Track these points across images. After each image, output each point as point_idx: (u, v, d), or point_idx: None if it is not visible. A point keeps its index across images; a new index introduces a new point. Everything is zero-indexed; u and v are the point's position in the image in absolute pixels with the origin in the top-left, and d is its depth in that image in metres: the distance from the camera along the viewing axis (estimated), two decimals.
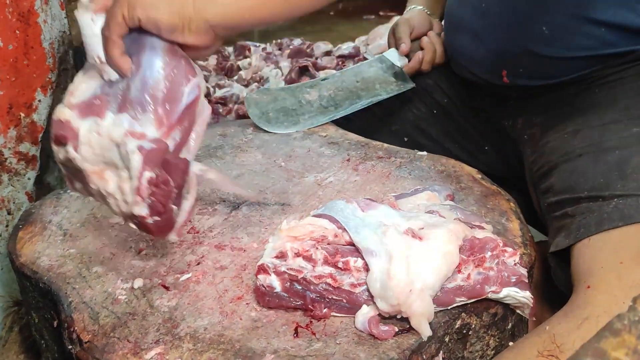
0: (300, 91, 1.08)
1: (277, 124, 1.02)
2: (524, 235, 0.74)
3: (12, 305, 0.98)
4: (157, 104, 0.61)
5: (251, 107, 1.05)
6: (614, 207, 0.72)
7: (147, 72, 0.61)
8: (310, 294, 0.60)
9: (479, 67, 0.96)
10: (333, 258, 0.61)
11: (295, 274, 0.60)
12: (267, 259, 0.61)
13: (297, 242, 0.61)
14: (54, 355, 0.74)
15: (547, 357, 0.62)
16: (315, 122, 1.02)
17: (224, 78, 2.34)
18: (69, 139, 0.60)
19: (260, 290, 0.61)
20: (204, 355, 0.56)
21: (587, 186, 0.76)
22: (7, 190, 0.92)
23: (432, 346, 0.58)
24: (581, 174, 0.78)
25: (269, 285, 0.60)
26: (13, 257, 0.74)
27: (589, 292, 0.66)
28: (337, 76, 1.10)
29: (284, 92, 1.08)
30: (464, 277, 0.60)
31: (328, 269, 0.60)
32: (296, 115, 1.03)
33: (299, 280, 0.60)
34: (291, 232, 0.62)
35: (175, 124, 0.61)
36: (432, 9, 1.13)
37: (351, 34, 3.31)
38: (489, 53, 0.93)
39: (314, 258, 0.61)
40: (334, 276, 0.60)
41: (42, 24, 0.91)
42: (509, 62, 0.91)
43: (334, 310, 0.60)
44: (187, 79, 0.62)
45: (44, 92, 0.93)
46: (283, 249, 0.61)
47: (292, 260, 0.60)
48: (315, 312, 0.60)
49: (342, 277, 0.60)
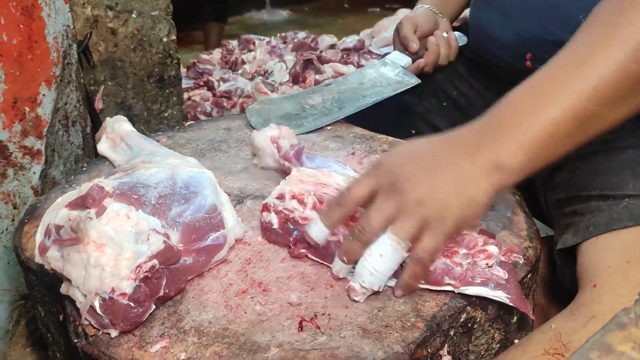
0: (303, 97, 1.07)
1: None
2: (530, 228, 0.74)
3: (18, 299, 0.99)
4: (189, 230, 0.65)
5: (253, 116, 1.04)
6: (625, 207, 0.71)
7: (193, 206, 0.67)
8: (296, 234, 0.67)
9: (503, 49, 0.94)
10: (320, 205, 0.66)
11: (287, 213, 0.67)
12: (270, 199, 0.69)
13: (299, 185, 0.68)
14: (60, 348, 0.75)
15: (553, 355, 0.62)
16: (320, 123, 1.01)
17: (228, 72, 2.34)
18: (96, 205, 0.60)
19: (264, 225, 0.69)
20: (208, 349, 0.56)
21: (599, 184, 0.75)
22: (13, 184, 0.93)
23: (436, 340, 0.58)
24: (593, 171, 0.77)
25: (269, 222, 0.69)
26: (19, 251, 0.74)
27: (595, 290, 0.66)
28: (340, 80, 1.10)
29: (286, 99, 1.08)
30: None
31: (314, 215, 0.65)
32: (299, 119, 1.02)
33: (290, 220, 0.67)
34: (300, 176, 0.69)
35: (193, 251, 0.65)
36: (441, 9, 1.11)
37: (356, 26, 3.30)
38: (517, 35, 0.90)
39: (305, 202, 0.67)
40: None
41: (46, 18, 0.91)
42: (535, 46, 0.88)
43: (310, 253, 0.66)
44: (217, 229, 0.67)
45: (48, 87, 0.93)
46: (282, 191, 0.68)
47: (288, 201, 0.67)
48: (294, 250, 0.67)
49: None
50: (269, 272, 0.66)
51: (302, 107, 1.05)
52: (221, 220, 0.68)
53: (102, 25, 1.32)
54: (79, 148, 1.08)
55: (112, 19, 1.33)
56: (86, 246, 0.58)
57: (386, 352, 0.55)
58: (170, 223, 0.64)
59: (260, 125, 1.01)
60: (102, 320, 0.58)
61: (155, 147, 0.88)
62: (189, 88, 2.19)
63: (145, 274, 0.58)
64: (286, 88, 2.05)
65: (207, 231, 0.66)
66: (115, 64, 1.37)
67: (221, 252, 0.67)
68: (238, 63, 2.40)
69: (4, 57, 0.86)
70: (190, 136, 1.00)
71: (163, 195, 0.66)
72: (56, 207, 0.64)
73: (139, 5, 1.36)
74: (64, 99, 1.00)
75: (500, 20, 0.93)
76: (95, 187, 0.61)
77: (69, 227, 0.61)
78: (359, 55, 2.31)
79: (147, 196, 0.65)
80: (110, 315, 0.57)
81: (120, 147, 0.90)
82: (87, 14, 1.29)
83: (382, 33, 2.47)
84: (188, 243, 0.65)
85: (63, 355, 0.74)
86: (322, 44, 2.47)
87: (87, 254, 0.58)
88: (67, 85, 1.01)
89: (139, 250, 0.58)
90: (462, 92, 1.08)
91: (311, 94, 1.08)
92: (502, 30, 0.93)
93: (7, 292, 0.98)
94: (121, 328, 0.58)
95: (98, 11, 1.31)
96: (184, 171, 0.70)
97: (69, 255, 0.59)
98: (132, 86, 1.42)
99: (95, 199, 0.60)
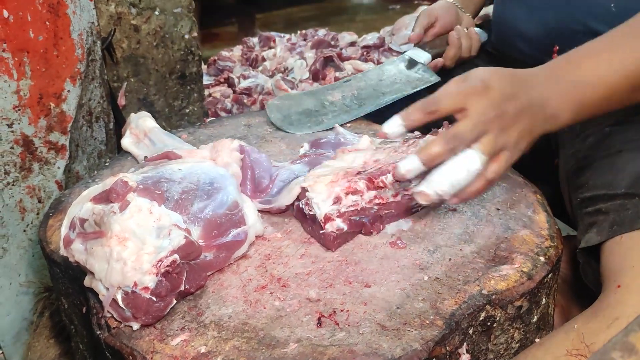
0: (322, 94, 1.07)
1: (299, 126, 1.01)
2: (551, 227, 0.73)
3: (42, 291, 1.01)
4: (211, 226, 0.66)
5: (273, 112, 1.04)
6: None
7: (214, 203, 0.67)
8: (366, 219, 0.70)
9: (528, 43, 0.93)
10: (372, 183, 0.70)
11: (353, 209, 0.70)
12: (325, 209, 0.69)
13: (338, 184, 0.70)
14: (83, 340, 0.76)
15: (576, 356, 0.61)
16: (340, 120, 1.01)
17: (248, 69, 2.35)
18: (120, 199, 0.61)
19: (331, 236, 0.69)
20: (228, 343, 0.57)
21: (625, 183, 0.74)
22: (38, 178, 0.94)
23: (455, 338, 0.58)
24: (619, 170, 0.76)
25: (338, 229, 0.69)
26: (43, 244, 0.76)
27: (619, 291, 0.65)
28: (359, 77, 1.09)
29: (306, 95, 1.08)
30: None
31: (373, 192, 0.70)
32: (319, 116, 1.03)
33: (357, 212, 0.70)
34: (325, 180, 0.70)
35: (214, 247, 0.65)
36: (464, 3, 1.10)
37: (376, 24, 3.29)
38: (543, 27, 0.90)
39: (359, 189, 0.70)
40: (378, 196, 0.71)
41: (71, 15, 0.92)
42: (563, 38, 0.88)
43: (387, 222, 0.72)
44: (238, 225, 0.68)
45: (73, 83, 0.94)
46: (337, 194, 0.69)
47: (345, 199, 0.69)
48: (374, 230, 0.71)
49: (385, 194, 0.71)
50: (288, 268, 0.66)
51: (321, 103, 1.05)
52: (242, 216, 0.68)
53: (126, 22, 1.34)
54: (102, 143, 1.10)
55: (135, 16, 1.35)
56: (109, 240, 0.59)
57: (404, 349, 0.55)
58: (192, 219, 0.65)
59: (280, 121, 1.02)
60: (124, 313, 0.59)
61: (178, 143, 0.89)
62: (209, 85, 2.21)
63: (166, 269, 0.59)
64: (306, 85, 2.05)
65: (228, 227, 0.67)
66: (138, 60, 1.39)
67: (242, 248, 0.67)
68: (258, 60, 2.41)
69: (31, 53, 0.87)
70: (211, 132, 1.01)
71: (186, 190, 0.66)
72: (81, 201, 0.65)
73: (161, 3, 1.37)
74: (88, 95, 1.02)
75: (525, 14, 0.92)
76: (119, 182, 0.62)
77: (92, 221, 0.62)
78: (379, 53, 2.30)
79: (170, 191, 0.66)
80: (132, 308, 0.58)
81: (143, 143, 0.91)
82: (111, 11, 1.31)
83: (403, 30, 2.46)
84: (209, 239, 0.65)
85: (86, 347, 0.76)
86: (342, 42, 2.47)
87: (109, 248, 0.59)
88: (91, 81, 1.02)
89: (160, 245, 0.59)
90: None
91: (330, 90, 1.08)
92: (528, 24, 0.92)
93: (31, 284, 1.00)
94: (143, 321, 0.59)
95: (121, 8, 1.32)
96: (209, 167, 0.71)
97: (92, 249, 0.60)
98: (154, 83, 1.43)
99: (119, 194, 0.61)
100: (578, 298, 0.90)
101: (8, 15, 0.83)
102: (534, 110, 0.65)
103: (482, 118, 0.63)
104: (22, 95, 0.88)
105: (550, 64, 0.70)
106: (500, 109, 0.63)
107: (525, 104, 0.65)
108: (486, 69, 0.67)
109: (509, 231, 0.72)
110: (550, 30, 0.88)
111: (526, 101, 0.65)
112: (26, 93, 0.88)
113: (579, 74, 0.67)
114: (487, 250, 0.68)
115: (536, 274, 0.65)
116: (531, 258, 0.67)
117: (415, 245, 0.70)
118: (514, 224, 0.73)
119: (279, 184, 0.77)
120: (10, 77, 0.86)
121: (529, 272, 0.65)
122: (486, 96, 0.64)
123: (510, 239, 0.70)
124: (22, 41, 0.86)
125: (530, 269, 0.66)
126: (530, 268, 0.66)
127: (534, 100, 0.66)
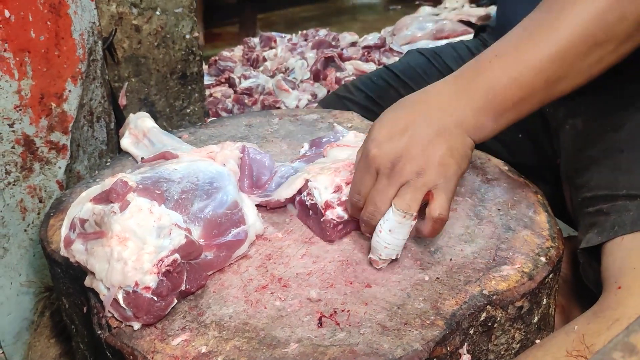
0: None
1: None
2: (552, 228, 0.73)
3: (43, 290, 1.01)
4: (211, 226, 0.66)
5: None
6: None
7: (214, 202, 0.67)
8: None
9: None
10: None
11: None
12: (326, 197, 0.69)
13: (339, 175, 0.70)
14: (83, 339, 0.76)
15: (576, 357, 0.61)
16: None
17: (249, 69, 2.35)
18: (120, 199, 0.61)
19: (331, 223, 0.69)
20: (229, 343, 0.57)
21: (627, 183, 0.74)
22: (39, 178, 0.94)
23: (456, 338, 0.58)
24: (621, 170, 0.76)
25: (338, 217, 0.69)
26: (44, 243, 0.76)
27: (620, 292, 0.65)
28: None
29: None
30: None
31: None
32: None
33: None
34: (327, 172, 0.71)
35: (214, 246, 0.65)
36: None
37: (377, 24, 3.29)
38: None
39: None
40: None
41: (72, 15, 0.92)
42: None
43: None
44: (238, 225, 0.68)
45: (74, 83, 0.95)
46: (337, 183, 0.70)
47: (346, 189, 0.70)
48: None
49: None
50: (289, 268, 0.66)
51: None
52: (242, 216, 0.68)
53: (127, 22, 1.34)
54: (103, 143, 1.10)
55: (136, 16, 1.35)
56: (109, 240, 0.59)
57: (405, 349, 0.55)
58: (192, 218, 0.65)
59: None
60: (125, 313, 0.59)
61: (177, 144, 0.89)
62: (210, 85, 2.21)
63: (167, 268, 0.59)
64: (307, 85, 2.05)
65: (229, 227, 0.67)
66: (139, 60, 1.39)
67: (242, 248, 0.67)
68: (259, 60, 2.41)
69: (32, 53, 0.87)
70: (212, 132, 1.01)
71: (185, 190, 0.66)
72: (81, 201, 0.65)
73: (162, 3, 1.37)
74: (89, 95, 1.02)
75: (528, 12, 0.91)
76: (119, 182, 0.62)
77: (93, 221, 0.62)
78: (380, 53, 2.30)
79: (170, 191, 0.66)
80: (133, 308, 0.58)
81: (142, 143, 0.91)
82: (112, 11, 1.31)
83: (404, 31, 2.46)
84: (209, 238, 0.65)
85: (86, 347, 0.76)
86: (343, 42, 2.47)
87: (110, 248, 0.59)
88: (92, 81, 1.02)
89: (160, 245, 0.59)
90: None
91: None
92: None
93: (32, 283, 1.00)
94: (144, 321, 0.59)
95: (123, 8, 1.33)
96: (207, 166, 0.71)
97: (93, 249, 0.60)
98: (155, 83, 1.43)
99: (119, 194, 0.61)
100: (579, 299, 0.90)
101: (9, 15, 0.83)
102: (450, 132, 0.64)
103: (387, 182, 0.63)
104: (23, 95, 0.88)
105: (457, 73, 0.67)
106: (392, 153, 0.63)
107: (432, 133, 0.63)
108: (384, 125, 0.66)
109: (509, 231, 0.72)
110: None
111: (433, 129, 0.63)
112: (27, 93, 0.88)
113: (491, 77, 0.64)
114: (488, 251, 0.68)
115: (537, 274, 0.65)
116: (532, 258, 0.67)
117: (415, 246, 0.70)
118: (515, 224, 0.73)
119: (277, 179, 0.77)
120: (11, 77, 0.86)
121: (530, 273, 0.65)
122: (386, 159, 0.63)
123: (511, 240, 0.70)
124: (23, 41, 0.86)
125: (531, 269, 0.66)
126: (531, 268, 0.66)
127: (444, 123, 0.64)
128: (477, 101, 0.64)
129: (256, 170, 0.78)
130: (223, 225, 0.66)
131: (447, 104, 0.65)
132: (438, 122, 0.64)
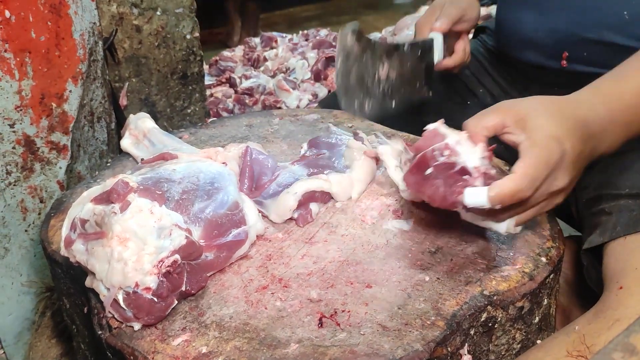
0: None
1: None
2: (553, 228, 0.73)
3: (44, 291, 1.01)
4: (211, 226, 0.66)
5: None
6: None
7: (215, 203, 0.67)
8: None
9: (535, 48, 0.92)
10: None
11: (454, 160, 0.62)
12: (476, 161, 0.62)
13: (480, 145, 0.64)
14: (84, 339, 0.76)
15: (576, 357, 0.61)
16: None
17: (250, 69, 2.35)
18: (121, 200, 0.61)
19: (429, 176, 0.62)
20: (229, 343, 0.57)
21: (629, 183, 0.74)
22: (40, 178, 0.94)
23: (456, 338, 0.58)
24: (624, 170, 0.76)
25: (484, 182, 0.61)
26: (45, 244, 0.76)
27: (621, 292, 0.65)
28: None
29: None
30: None
31: None
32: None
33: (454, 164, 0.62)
34: None
35: (214, 247, 0.65)
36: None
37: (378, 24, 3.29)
38: (553, 34, 0.88)
39: None
40: None
41: (73, 16, 0.92)
42: (573, 45, 0.86)
43: None
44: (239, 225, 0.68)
45: (75, 83, 0.95)
46: (486, 152, 0.63)
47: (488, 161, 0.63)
48: None
49: None
50: (290, 269, 0.66)
51: None
52: (243, 216, 0.68)
53: (127, 22, 1.34)
54: (104, 144, 1.10)
55: (137, 16, 1.35)
56: (110, 240, 0.59)
57: (406, 349, 0.55)
58: (193, 219, 0.65)
59: None
60: (126, 314, 0.59)
61: (177, 144, 0.89)
62: (211, 85, 2.21)
63: (167, 269, 0.59)
64: (308, 85, 2.05)
65: (229, 227, 0.67)
66: (140, 60, 1.39)
67: (242, 248, 0.67)
68: (260, 60, 2.41)
69: (33, 53, 0.87)
70: (213, 133, 1.01)
71: (186, 190, 0.67)
72: (82, 201, 0.65)
73: (163, 3, 1.37)
74: (90, 95, 1.02)
75: (534, 19, 0.91)
76: (119, 183, 0.62)
77: (93, 221, 0.62)
78: None
79: (170, 192, 0.66)
80: (134, 308, 0.58)
81: (143, 144, 0.91)
82: (113, 12, 1.31)
83: (404, 30, 2.46)
84: (210, 239, 0.65)
85: (87, 347, 0.76)
86: None
87: (110, 248, 0.59)
88: (93, 81, 1.02)
89: (161, 245, 0.59)
90: (488, 89, 1.07)
91: None
92: (536, 29, 0.91)
93: (33, 284, 1.00)
94: (145, 322, 0.59)
95: (123, 9, 1.33)
96: (208, 167, 0.71)
97: (93, 249, 0.60)
98: (156, 83, 1.44)
99: (119, 194, 0.61)
100: (580, 299, 0.90)
101: (10, 16, 0.83)
102: (591, 155, 0.65)
103: (555, 188, 0.61)
104: (24, 95, 0.88)
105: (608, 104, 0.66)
106: (572, 175, 0.62)
107: (587, 156, 0.64)
108: (548, 117, 0.62)
109: None
110: (560, 37, 0.87)
111: (589, 153, 0.64)
112: (28, 93, 0.88)
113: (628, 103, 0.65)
114: (489, 251, 0.68)
115: (538, 274, 0.65)
116: (533, 258, 0.67)
117: (416, 246, 0.70)
118: None
119: (274, 187, 0.76)
120: (12, 77, 0.86)
121: (531, 273, 0.65)
122: (563, 166, 0.60)
123: (512, 240, 0.70)
124: (24, 41, 0.86)
125: (532, 269, 0.66)
126: (532, 269, 0.66)
127: (595, 149, 0.65)
128: None
129: (258, 170, 0.78)
130: (224, 226, 0.66)
131: None
132: None
